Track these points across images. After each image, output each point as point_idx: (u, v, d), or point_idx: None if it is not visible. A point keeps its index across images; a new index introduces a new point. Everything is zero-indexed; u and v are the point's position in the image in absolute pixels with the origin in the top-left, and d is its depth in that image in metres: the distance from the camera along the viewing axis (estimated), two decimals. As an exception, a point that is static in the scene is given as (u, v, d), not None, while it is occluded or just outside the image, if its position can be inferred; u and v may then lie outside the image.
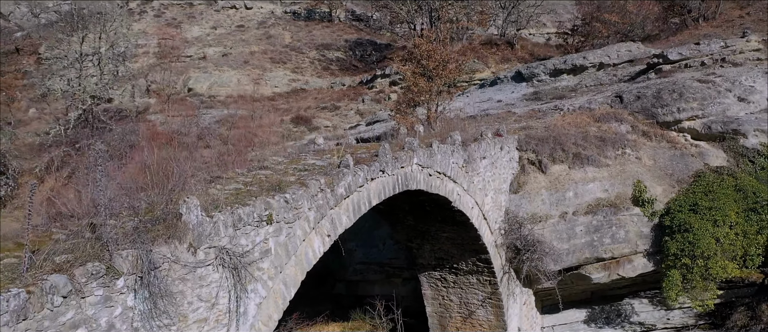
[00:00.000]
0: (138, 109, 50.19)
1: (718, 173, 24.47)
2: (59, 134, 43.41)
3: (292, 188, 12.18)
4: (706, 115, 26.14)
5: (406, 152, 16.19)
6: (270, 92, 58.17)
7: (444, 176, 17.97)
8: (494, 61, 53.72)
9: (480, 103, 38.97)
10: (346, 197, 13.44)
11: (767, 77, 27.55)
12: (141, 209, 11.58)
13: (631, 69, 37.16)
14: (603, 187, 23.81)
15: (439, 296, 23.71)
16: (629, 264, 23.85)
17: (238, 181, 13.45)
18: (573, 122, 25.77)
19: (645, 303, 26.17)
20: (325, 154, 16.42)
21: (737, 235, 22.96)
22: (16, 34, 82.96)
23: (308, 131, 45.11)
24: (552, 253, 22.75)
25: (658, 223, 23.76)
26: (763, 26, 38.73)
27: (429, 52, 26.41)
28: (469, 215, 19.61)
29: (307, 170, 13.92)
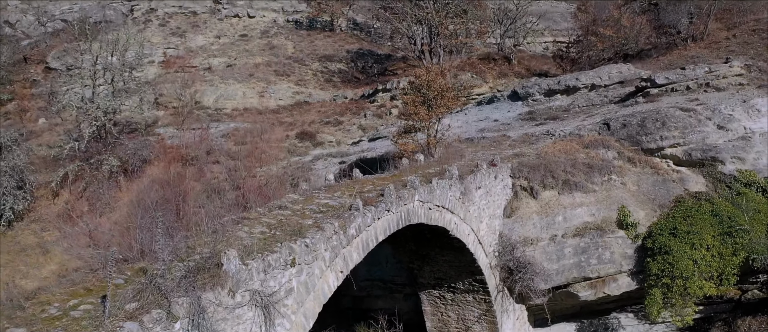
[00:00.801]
0: (147, 122, 51.89)
1: (696, 198, 26.37)
2: (74, 148, 45.15)
3: (311, 232, 14.06)
4: (687, 142, 28.06)
5: (408, 190, 18.06)
6: (274, 104, 59.99)
7: (443, 208, 19.85)
8: (492, 76, 55.58)
9: (478, 122, 40.85)
10: (356, 237, 15.31)
11: (744, 106, 29.43)
12: (182, 251, 13.41)
13: (621, 90, 39.08)
14: (590, 211, 25.72)
15: (438, 312, 25.60)
16: (614, 283, 25.78)
17: (262, 222, 15.32)
18: (563, 149, 27.64)
19: (631, 317, 28.04)
20: (336, 191, 18.27)
21: (714, 257, 24.88)
22: (23, 42, 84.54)
23: (312, 146, 46.94)
24: (542, 273, 24.66)
25: (641, 245, 25.69)
26: (747, 49, 40.68)
27: (429, 82, 28.23)
28: (466, 241, 21.50)
29: (322, 212, 15.79)
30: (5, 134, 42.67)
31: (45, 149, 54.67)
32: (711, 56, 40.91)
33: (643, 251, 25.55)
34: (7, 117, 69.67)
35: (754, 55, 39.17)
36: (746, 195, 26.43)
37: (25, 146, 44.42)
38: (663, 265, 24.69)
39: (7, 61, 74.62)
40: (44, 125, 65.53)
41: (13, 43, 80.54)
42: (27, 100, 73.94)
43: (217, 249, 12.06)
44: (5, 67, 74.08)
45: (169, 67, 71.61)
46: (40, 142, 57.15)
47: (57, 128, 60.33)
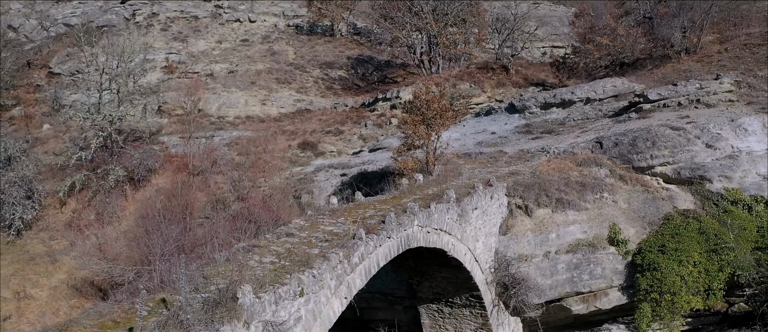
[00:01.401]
0: (151, 130, 52.73)
1: (685, 216, 27.47)
2: (80, 159, 46.14)
3: (317, 262, 15.12)
4: (677, 161, 29.15)
5: (408, 216, 19.13)
6: (276, 112, 61.00)
7: (441, 231, 20.92)
8: (490, 86, 56.59)
9: (476, 134, 41.90)
10: (359, 265, 16.37)
11: (732, 125, 30.50)
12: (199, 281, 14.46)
13: (615, 104, 40.15)
14: (582, 229, 26.81)
15: (436, 325, 26.69)
16: (605, 297, 26.89)
17: (272, 250, 16.39)
18: (557, 167, 28.71)
19: (622, 328, 29.08)
20: (340, 216, 19.32)
21: (700, 273, 25.99)
22: (26, 47, 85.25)
23: (314, 156, 47.93)
24: (536, 288, 25.76)
25: (631, 261, 26.80)
26: (738, 64, 41.76)
27: (428, 103, 29.27)
28: (462, 260, 22.58)
29: (327, 241, 16.85)
30: (13, 145, 43.52)
31: (51, 157, 55.62)
32: (703, 70, 41.96)
33: (633, 267, 26.65)
34: (11, 122, 70.68)
35: (744, 71, 40.25)
36: (733, 213, 27.53)
37: (33, 156, 45.29)
38: (652, 281, 25.79)
39: (12, 67, 75.35)
40: (49, 131, 66.46)
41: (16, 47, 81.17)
42: (31, 105, 74.86)
43: (232, 281, 13.08)
44: (9, 72, 74.90)
45: (171, 73, 72.52)
46: (46, 149, 58.08)
47: (62, 136, 61.29)
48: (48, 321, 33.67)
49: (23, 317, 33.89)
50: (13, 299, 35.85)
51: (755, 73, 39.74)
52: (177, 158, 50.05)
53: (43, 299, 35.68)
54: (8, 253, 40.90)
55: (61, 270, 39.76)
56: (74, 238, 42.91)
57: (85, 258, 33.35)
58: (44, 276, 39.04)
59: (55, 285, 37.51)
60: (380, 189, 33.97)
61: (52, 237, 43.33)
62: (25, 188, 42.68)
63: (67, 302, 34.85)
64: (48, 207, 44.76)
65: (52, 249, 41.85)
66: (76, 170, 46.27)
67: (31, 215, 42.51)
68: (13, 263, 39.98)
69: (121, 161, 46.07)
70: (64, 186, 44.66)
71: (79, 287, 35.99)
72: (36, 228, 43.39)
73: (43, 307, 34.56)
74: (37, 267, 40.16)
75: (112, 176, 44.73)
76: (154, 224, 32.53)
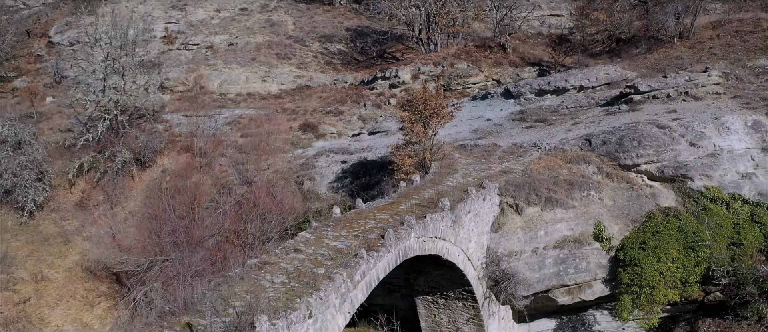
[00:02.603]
0: (154, 108, 53.65)
1: (666, 214, 29.16)
2: (88, 140, 47.46)
3: (324, 283, 16.80)
4: (661, 160, 30.68)
5: (405, 229, 20.76)
6: (277, 89, 61.98)
7: (436, 238, 22.59)
8: (487, 66, 57.47)
9: (472, 120, 43.24)
10: (361, 281, 18.07)
11: (716, 124, 31.90)
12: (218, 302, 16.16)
13: (608, 93, 41.42)
14: (569, 226, 28.52)
15: (431, 314, 28.68)
16: (589, 289, 28.82)
17: (281, 268, 18.07)
18: (547, 165, 30.23)
19: (605, 314, 31.05)
20: (343, 229, 20.95)
21: (678, 268, 27.87)
22: (23, 12, 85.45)
23: (315, 137, 49.26)
24: (524, 282, 27.66)
25: (614, 256, 28.63)
26: (728, 53, 42.84)
27: (425, 101, 30.55)
28: (456, 261, 24.35)
29: (332, 259, 18.50)
30: (23, 129, 44.76)
31: (57, 133, 56.95)
32: (694, 58, 43.03)
33: (615, 261, 28.49)
34: (14, 94, 71.66)
35: (733, 60, 41.39)
36: (711, 210, 29.21)
37: (41, 140, 46.51)
38: (632, 275, 27.66)
39: (12, 39, 75.79)
40: (53, 105, 67.52)
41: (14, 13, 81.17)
42: (32, 76, 75.69)
43: (250, 306, 14.78)
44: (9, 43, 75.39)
45: (171, 44, 73.03)
46: (52, 125, 59.29)
47: (66, 111, 62.37)
48: (66, 304, 35.74)
49: (42, 299, 35.85)
50: (30, 280, 37.78)
51: (744, 63, 40.91)
52: (181, 138, 51.33)
53: (60, 281, 37.60)
54: (23, 234, 42.70)
55: (74, 250, 41.61)
56: (84, 219, 44.72)
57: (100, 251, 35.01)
58: (58, 257, 40.93)
59: (69, 266, 39.41)
60: (379, 181, 35.68)
61: (64, 218, 45.08)
62: (36, 171, 44.18)
63: (83, 285, 36.79)
64: (57, 188, 46.30)
65: (64, 230, 43.65)
66: (83, 151, 47.69)
67: (43, 197, 44.10)
68: (28, 244, 41.80)
69: (126, 143, 47.42)
70: (73, 168, 46.12)
71: (93, 269, 37.88)
72: (47, 209, 45.07)
73: (61, 290, 36.51)
74: (51, 247, 42.00)
75: (119, 159, 46.18)
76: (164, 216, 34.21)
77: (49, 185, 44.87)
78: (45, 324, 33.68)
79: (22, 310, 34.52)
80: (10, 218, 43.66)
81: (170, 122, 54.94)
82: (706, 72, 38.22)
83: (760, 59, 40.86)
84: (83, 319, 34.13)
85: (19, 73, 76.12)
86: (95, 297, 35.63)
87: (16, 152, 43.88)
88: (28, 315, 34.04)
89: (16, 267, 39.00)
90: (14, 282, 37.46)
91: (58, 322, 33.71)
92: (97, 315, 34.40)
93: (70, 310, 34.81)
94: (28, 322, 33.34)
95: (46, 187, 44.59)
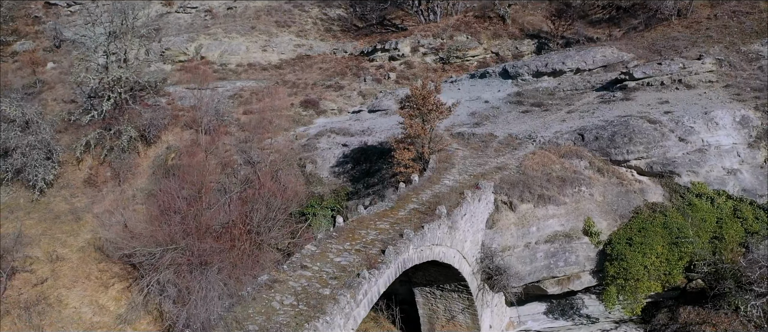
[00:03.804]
0: (157, 81, 54.19)
1: (652, 210, 30.53)
2: (93, 117, 48.39)
3: (329, 306, 18.30)
4: (650, 156, 31.83)
5: (403, 242, 22.16)
6: (277, 58, 62.40)
7: (433, 245, 24.04)
8: (486, 38, 57.81)
9: (470, 101, 44.09)
10: (363, 299, 19.60)
11: (705, 118, 32.89)
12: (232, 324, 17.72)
13: (604, 76, 42.17)
14: (560, 222, 29.96)
15: (428, 303, 30.49)
16: (578, 280, 30.52)
17: (289, 286, 19.56)
18: (540, 161, 31.39)
19: (593, 298, 32.89)
20: (346, 241, 22.35)
21: (662, 262, 29.46)
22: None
23: (316, 114, 50.19)
24: (516, 275, 29.31)
25: (602, 249, 30.18)
26: (724, 35, 43.35)
27: (424, 98, 31.44)
28: (452, 262, 25.91)
29: (336, 278, 19.96)
30: (30, 109, 45.61)
31: (61, 104, 57.74)
32: (690, 40, 43.56)
33: (603, 254, 30.07)
34: (14, 58, 72.03)
35: (728, 44, 41.96)
36: (696, 206, 30.57)
37: (49, 119, 47.37)
38: (619, 269, 29.30)
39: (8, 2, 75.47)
40: (54, 71, 68.00)
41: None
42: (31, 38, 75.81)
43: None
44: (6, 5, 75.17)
45: (170, 6, 72.85)
46: (55, 95, 60.07)
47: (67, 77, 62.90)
48: (82, 286, 37.53)
49: (58, 280, 37.61)
50: (45, 260, 39.46)
51: (739, 47, 41.50)
52: (184, 113, 52.19)
53: (74, 261, 39.27)
54: (35, 212, 44.22)
55: (85, 228, 43.19)
56: (94, 196, 46.15)
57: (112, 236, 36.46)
58: (71, 235, 42.51)
59: (81, 245, 41.02)
60: (379, 168, 36.92)
61: (73, 195, 46.50)
62: (45, 150, 45.33)
63: (96, 266, 38.47)
64: (65, 164, 47.55)
65: (74, 207, 45.14)
66: (89, 127, 48.71)
67: (52, 175, 45.42)
68: (40, 222, 43.34)
69: (131, 120, 48.37)
70: (80, 145, 47.27)
71: (105, 249, 39.49)
72: (57, 186, 46.44)
73: (76, 270, 38.21)
74: (63, 225, 43.55)
75: (124, 136, 47.26)
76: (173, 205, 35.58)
77: (57, 164, 46.13)
78: (63, 305, 35.51)
79: (40, 292, 36.29)
80: (21, 196, 45.11)
81: (173, 95, 55.67)
82: (699, 59, 38.89)
83: (754, 43, 41.44)
84: (99, 301, 35.95)
85: (17, 36, 76.18)
86: (109, 279, 37.36)
87: (25, 132, 44.91)
88: (46, 296, 35.80)
89: (30, 246, 40.62)
90: (30, 262, 39.14)
91: (75, 304, 35.52)
92: (112, 297, 36.20)
93: (86, 292, 36.58)
94: (48, 305, 35.14)
95: (55, 165, 45.87)
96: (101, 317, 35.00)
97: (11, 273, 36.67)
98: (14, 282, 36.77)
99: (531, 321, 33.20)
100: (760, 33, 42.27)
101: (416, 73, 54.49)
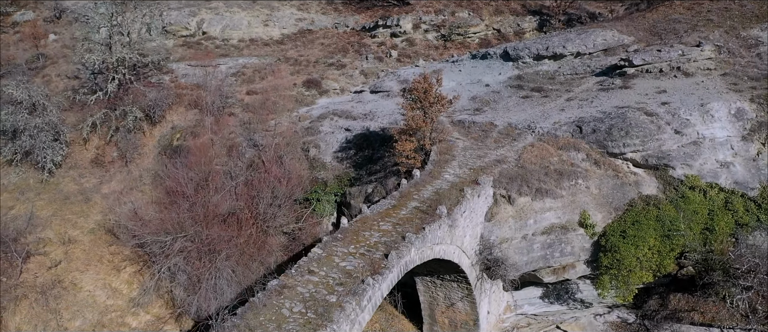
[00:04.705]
0: (160, 58, 54.50)
1: (646, 202, 31.50)
2: (98, 97, 48.96)
3: (336, 313, 19.47)
4: (646, 149, 32.59)
5: (405, 245, 23.20)
6: (278, 33, 62.44)
7: (433, 245, 25.10)
8: (488, 14, 57.77)
9: (471, 84, 44.61)
10: (367, 305, 20.75)
11: (701, 111, 33.53)
12: None
13: (604, 60, 42.57)
14: (557, 215, 30.96)
15: (429, 291, 31.78)
16: (573, 270, 31.74)
17: (298, 292, 20.68)
18: (539, 154, 32.19)
19: (588, 283, 34.19)
20: (350, 244, 23.38)
21: (654, 254, 30.60)
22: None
23: (318, 94, 50.69)
24: (514, 265, 30.50)
25: (596, 241, 31.28)
26: (724, 19, 43.54)
27: (426, 91, 32.03)
28: (451, 258, 27.01)
29: (342, 284, 21.06)
30: (37, 91, 46.09)
31: (64, 80, 58.17)
32: (690, 23, 43.78)
33: (597, 245, 31.20)
34: (15, 30, 72.10)
35: (728, 28, 42.22)
36: (689, 198, 31.54)
37: (54, 100, 47.83)
38: (612, 260, 30.48)
39: (6, -30, 74.73)
40: (56, 44, 68.16)
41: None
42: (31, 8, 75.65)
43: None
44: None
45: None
46: (58, 71, 60.43)
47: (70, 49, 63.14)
48: (95, 269, 38.82)
49: (71, 263, 38.87)
50: (58, 242, 40.64)
51: (739, 32, 41.78)
52: (188, 91, 52.68)
53: (86, 244, 40.45)
54: (45, 193, 45.25)
55: (95, 209, 44.25)
56: (102, 176, 47.12)
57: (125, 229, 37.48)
58: (81, 216, 43.60)
59: (92, 227, 42.16)
60: (381, 156, 37.72)
61: (82, 175, 47.44)
62: (52, 132, 46.08)
63: (108, 248, 39.66)
64: (72, 143, 48.34)
65: (83, 188, 46.14)
66: (94, 106, 49.32)
67: (61, 156, 46.27)
68: (50, 203, 44.40)
69: (136, 100, 48.95)
70: (86, 126, 48.00)
71: (115, 232, 40.64)
72: (65, 166, 47.32)
73: (88, 253, 39.42)
74: (73, 206, 44.62)
75: (130, 117, 47.94)
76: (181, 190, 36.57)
77: (65, 145, 46.92)
78: (77, 289, 36.86)
79: (55, 275, 37.58)
80: (31, 176, 46.05)
81: (176, 72, 56.05)
82: (699, 46, 39.23)
83: (754, 28, 41.70)
84: (112, 284, 37.28)
85: (17, 6, 75.92)
86: (120, 262, 38.62)
87: (32, 114, 45.55)
88: (61, 280, 37.11)
89: (42, 228, 41.77)
90: (43, 244, 40.32)
91: (89, 287, 36.85)
92: (124, 280, 37.52)
93: (99, 275, 37.89)
94: (63, 288, 36.49)
95: (63, 146, 46.67)
96: (115, 300, 36.40)
97: (26, 257, 37.86)
98: (29, 265, 38.01)
99: (527, 305, 34.60)
100: (761, 17, 42.47)
101: (418, 50, 54.71)
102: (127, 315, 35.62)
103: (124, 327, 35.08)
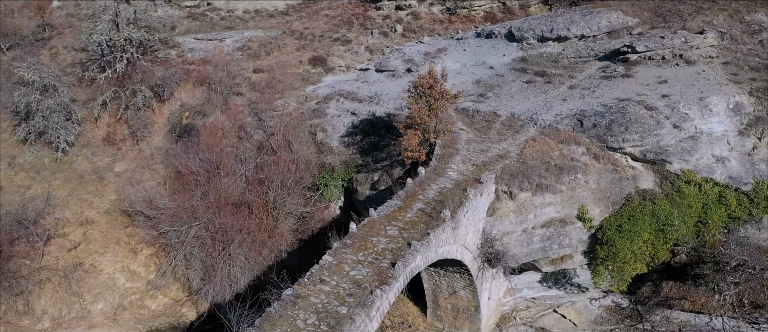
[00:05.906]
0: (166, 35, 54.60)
1: (643, 197, 32.64)
2: (107, 76, 49.65)
3: (347, 325, 21.02)
4: (644, 144, 33.48)
5: (411, 252, 24.58)
6: (283, 4, 62.37)
7: (437, 247, 26.47)
8: (495, -15, 57.47)
9: (475, 66, 45.11)
10: (376, 315, 22.29)
11: (700, 105, 34.24)
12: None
13: (608, 44, 42.93)
14: (556, 209, 32.20)
15: (432, 279, 33.40)
16: (570, 260, 33.23)
17: (310, 302, 22.19)
18: (540, 149, 33.15)
19: (585, 269, 35.67)
20: (359, 251, 24.76)
21: (648, 247, 31.99)
22: None
23: (324, 71, 51.24)
24: (514, 257, 31.99)
25: (593, 233, 32.62)
26: (729, 2, 43.54)
27: (430, 87, 32.76)
28: (454, 256, 28.45)
29: (352, 295, 22.52)
30: (48, 72, 46.70)
31: (71, 53, 58.67)
32: (695, 6, 43.82)
33: (594, 238, 32.57)
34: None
35: (733, 12, 42.37)
36: (683, 192, 32.67)
37: (65, 80, 48.44)
38: (608, 252, 31.91)
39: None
40: (60, 13, 68.30)
41: None
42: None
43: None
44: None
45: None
46: (65, 43, 60.85)
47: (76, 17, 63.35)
48: (113, 251, 40.50)
49: (90, 245, 40.54)
50: (75, 223, 42.22)
51: (743, 16, 41.93)
52: (195, 67, 53.23)
53: (102, 224, 42.02)
54: (60, 172, 46.60)
55: (109, 188, 45.65)
56: (114, 154, 48.33)
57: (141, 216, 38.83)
58: (96, 196, 45.05)
59: (107, 207, 43.65)
60: (387, 143, 38.73)
61: (94, 153, 48.67)
62: (65, 112, 47.05)
63: (124, 230, 41.23)
64: (84, 121, 49.37)
65: (96, 166, 47.46)
66: (104, 85, 50.09)
67: (73, 136, 47.39)
68: (66, 183, 45.80)
69: (144, 79, 49.63)
70: (97, 105, 48.93)
71: (130, 213, 42.12)
72: (78, 145, 48.51)
73: (105, 235, 41.02)
74: (88, 185, 46.01)
75: (139, 96, 48.79)
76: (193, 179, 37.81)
77: (77, 124, 47.95)
78: (98, 271, 38.64)
79: (75, 256, 39.31)
80: (45, 156, 47.31)
81: (182, 46, 56.44)
82: (702, 33, 39.53)
83: (759, 12, 41.81)
84: (130, 267, 39.04)
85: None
86: (137, 244, 40.27)
87: (44, 96, 46.38)
88: (82, 262, 38.84)
89: (60, 208, 43.32)
90: (62, 225, 41.91)
91: (109, 270, 38.63)
92: (142, 263, 39.26)
93: (117, 257, 39.61)
94: (84, 271, 38.25)
95: (75, 125, 47.72)
96: (133, 283, 38.22)
97: (47, 240, 39.48)
98: (50, 247, 39.69)
99: (526, 289, 36.27)
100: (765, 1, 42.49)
101: (423, 25, 54.84)
102: (146, 298, 37.52)
103: (143, 310, 37.03)
